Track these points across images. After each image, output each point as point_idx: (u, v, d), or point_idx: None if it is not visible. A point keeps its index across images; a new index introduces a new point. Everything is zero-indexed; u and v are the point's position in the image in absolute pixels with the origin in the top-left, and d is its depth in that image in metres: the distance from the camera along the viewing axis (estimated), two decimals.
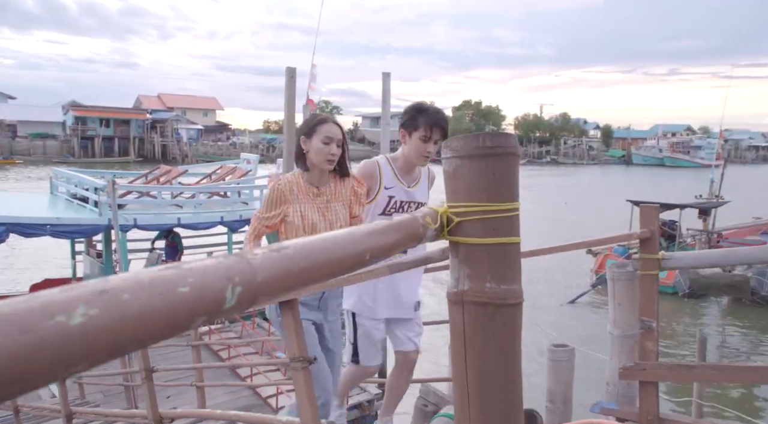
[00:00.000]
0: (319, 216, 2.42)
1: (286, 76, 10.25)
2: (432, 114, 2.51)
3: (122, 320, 0.40)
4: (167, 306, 0.45)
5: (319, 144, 2.39)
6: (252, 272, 0.54)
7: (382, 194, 2.59)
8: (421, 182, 2.68)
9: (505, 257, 1.01)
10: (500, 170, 0.99)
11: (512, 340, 1.03)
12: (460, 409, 1.05)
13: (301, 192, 2.44)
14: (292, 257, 0.61)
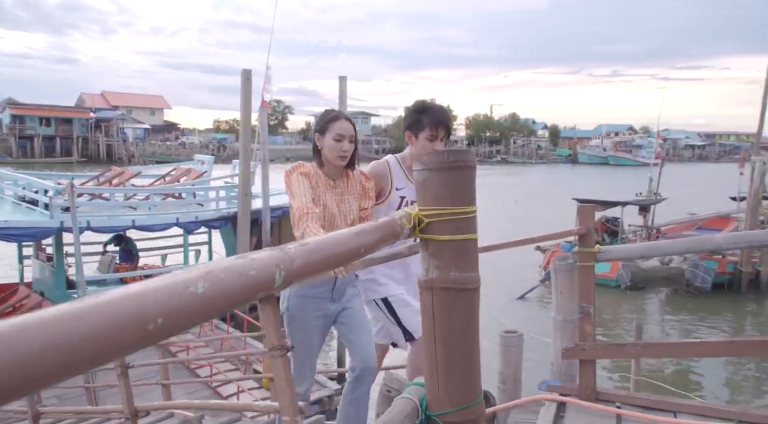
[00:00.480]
0: (335, 207, 2.48)
1: (242, 78, 10.31)
2: (435, 113, 2.55)
3: (223, 291, 0.61)
4: (244, 284, 0.65)
5: (331, 141, 2.44)
6: (291, 260, 0.75)
7: (394, 195, 2.63)
8: None
9: (465, 251, 1.24)
10: (461, 181, 1.22)
11: (472, 317, 1.26)
12: (430, 375, 1.27)
13: (321, 183, 2.49)
14: (314, 250, 0.82)
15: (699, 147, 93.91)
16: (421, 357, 2.88)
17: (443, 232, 1.21)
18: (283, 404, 2.15)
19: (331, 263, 0.87)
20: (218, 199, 10.51)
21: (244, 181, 10.17)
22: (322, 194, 2.45)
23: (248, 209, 10.26)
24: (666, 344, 2.68)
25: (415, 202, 2.72)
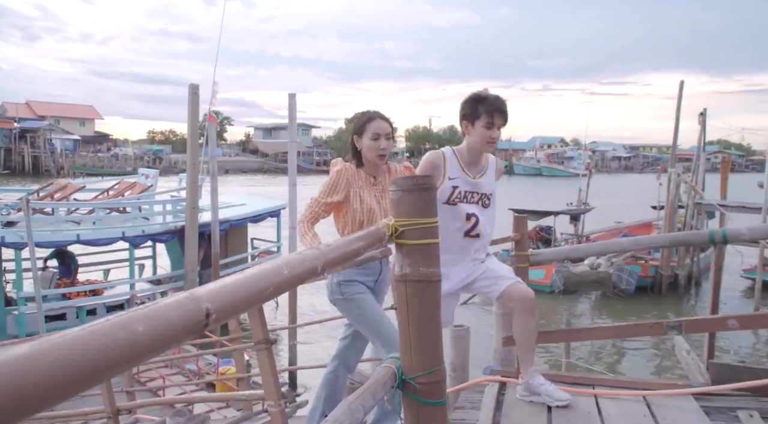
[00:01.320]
0: (375, 203, 2.59)
1: (189, 93, 10.43)
2: (492, 101, 2.57)
3: (287, 276, 0.96)
4: (302, 273, 1.01)
5: (369, 141, 2.55)
6: (325, 256, 1.11)
7: (446, 184, 2.63)
8: (488, 173, 2.73)
9: (430, 252, 1.62)
10: (425, 198, 1.60)
11: (435, 303, 1.64)
12: (404, 347, 1.64)
13: (360, 179, 2.60)
14: (335, 249, 1.18)
15: (625, 159, 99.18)
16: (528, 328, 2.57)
17: (413, 238, 1.58)
18: (268, 391, 2.47)
19: (345, 258, 1.23)
20: (165, 213, 10.52)
21: (191, 195, 10.24)
22: (359, 191, 2.57)
23: (196, 223, 10.33)
24: (585, 329, 3.20)
25: (476, 194, 2.64)
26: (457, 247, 2.64)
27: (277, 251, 12.71)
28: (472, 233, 2.66)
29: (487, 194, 2.70)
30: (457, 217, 2.64)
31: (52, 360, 0.50)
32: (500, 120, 2.58)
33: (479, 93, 2.64)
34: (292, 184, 8.35)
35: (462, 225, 2.65)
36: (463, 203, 2.64)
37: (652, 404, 2.51)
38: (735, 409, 2.39)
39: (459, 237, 2.64)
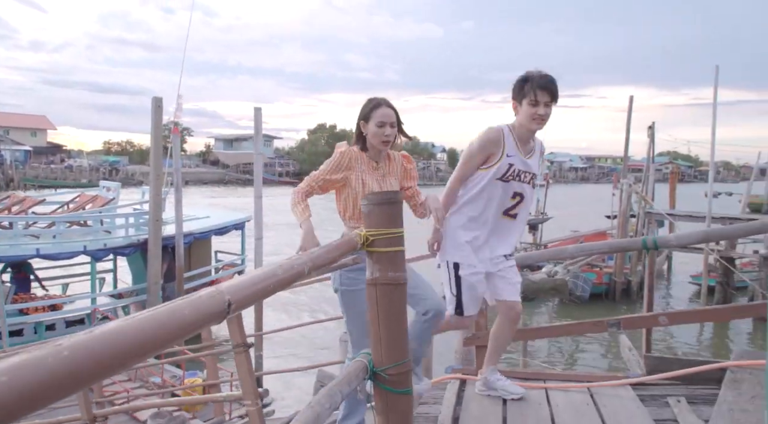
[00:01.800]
0: (377, 187, 2.66)
1: (153, 106, 10.46)
2: (537, 79, 2.61)
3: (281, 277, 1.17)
4: (294, 275, 1.22)
5: (374, 127, 2.61)
6: (312, 260, 1.32)
7: (504, 161, 2.67)
8: (535, 154, 2.78)
9: (397, 259, 1.84)
10: (393, 211, 1.83)
11: (402, 303, 1.86)
12: (375, 343, 1.86)
13: (363, 163, 2.67)
14: (320, 255, 1.39)
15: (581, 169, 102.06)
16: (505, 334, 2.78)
17: (382, 246, 1.80)
18: (246, 391, 2.65)
19: (326, 261, 1.45)
20: (127, 226, 10.45)
21: (155, 208, 10.22)
22: (362, 174, 2.66)
23: (159, 236, 10.30)
24: (537, 328, 3.49)
25: (527, 174, 2.71)
26: (490, 223, 2.71)
27: (241, 263, 12.73)
28: (511, 212, 2.74)
29: (534, 174, 2.76)
30: (506, 194, 2.70)
31: (137, 331, 0.70)
32: (545, 97, 2.61)
33: (528, 72, 2.66)
34: (258, 196, 8.47)
35: (506, 203, 2.72)
36: (515, 181, 2.70)
37: (595, 394, 2.79)
38: (666, 396, 2.69)
39: (496, 215, 2.72)
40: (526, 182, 2.72)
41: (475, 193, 2.72)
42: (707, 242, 13.77)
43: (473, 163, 2.74)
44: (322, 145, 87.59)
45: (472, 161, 2.75)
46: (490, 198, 2.70)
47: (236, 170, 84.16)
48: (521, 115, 2.66)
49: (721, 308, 5.51)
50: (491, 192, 2.70)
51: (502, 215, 2.73)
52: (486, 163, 2.71)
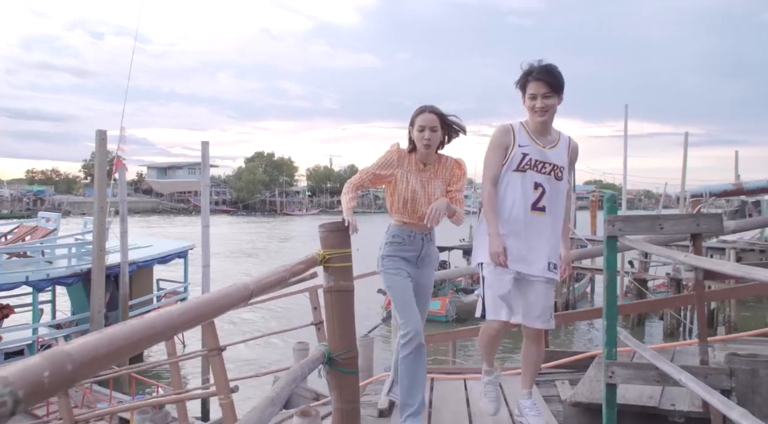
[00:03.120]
0: (420, 186, 2.83)
1: (97, 139, 10.73)
2: (536, 72, 2.63)
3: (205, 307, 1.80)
4: (234, 299, 1.85)
5: (416, 132, 2.81)
6: (247, 287, 1.95)
7: (516, 152, 2.70)
8: (559, 146, 2.76)
9: (347, 272, 2.48)
10: (343, 236, 2.47)
11: (350, 306, 2.49)
12: (330, 335, 2.48)
13: (411, 163, 2.86)
14: (267, 276, 2.02)
15: None
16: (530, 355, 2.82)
17: (335, 262, 2.44)
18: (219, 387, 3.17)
19: (286, 277, 2.07)
20: (70, 256, 10.52)
21: (99, 238, 10.36)
22: (407, 173, 2.85)
23: (103, 265, 10.43)
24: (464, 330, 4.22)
25: (547, 165, 2.70)
26: (522, 221, 2.70)
27: (184, 291, 12.91)
28: (538, 205, 2.72)
29: (559, 166, 2.73)
30: (525, 185, 2.70)
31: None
32: (542, 88, 2.62)
33: (528, 64, 2.69)
34: (205, 225, 8.88)
35: (529, 195, 2.71)
36: (533, 171, 2.71)
37: (503, 381, 3.51)
38: (554, 379, 3.44)
39: (524, 211, 2.71)
40: (546, 173, 2.71)
41: (501, 190, 2.75)
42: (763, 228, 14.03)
43: (493, 162, 2.76)
44: (260, 173, 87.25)
45: (490, 160, 2.78)
46: (513, 192, 2.72)
47: (170, 199, 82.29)
48: (527, 109, 2.70)
49: (591, 310, 6.64)
50: (513, 186, 2.72)
51: (531, 211, 2.71)
52: (505, 158, 2.73)
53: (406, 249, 2.88)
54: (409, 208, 2.86)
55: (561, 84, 2.66)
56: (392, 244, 2.89)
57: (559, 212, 2.76)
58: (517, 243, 2.70)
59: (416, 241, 2.88)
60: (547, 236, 2.72)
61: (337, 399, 2.50)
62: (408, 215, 2.87)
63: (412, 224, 2.88)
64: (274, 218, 70.20)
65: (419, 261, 2.92)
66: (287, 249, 34.16)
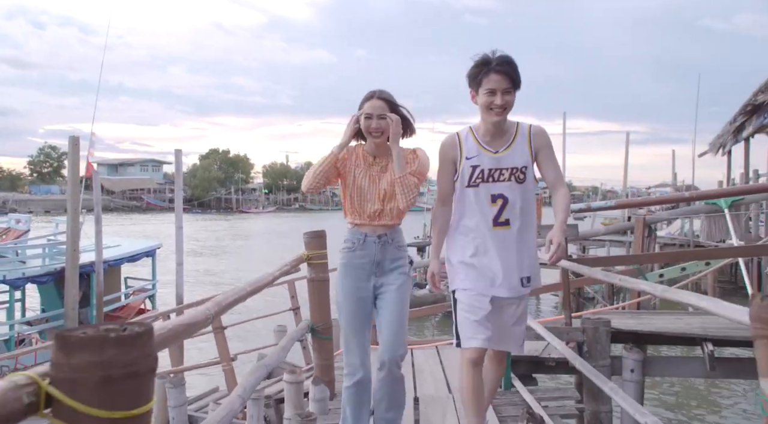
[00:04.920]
0: (369, 182, 2.58)
1: (70, 145, 11.27)
2: (495, 64, 2.29)
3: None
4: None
5: (363, 121, 2.53)
6: (212, 312, 2.93)
7: (465, 166, 2.42)
8: (516, 143, 2.42)
9: (323, 267, 3.46)
10: (322, 240, 3.44)
11: (327, 291, 3.47)
12: (312, 315, 3.46)
13: (359, 157, 2.63)
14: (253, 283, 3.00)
15: None
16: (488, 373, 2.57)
17: (316, 259, 3.41)
18: (222, 356, 4.07)
19: (244, 297, 3.04)
20: (45, 256, 11.07)
21: (72, 238, 10.93)
22: (354, 167, 2.62)
23: (77, 264, 11.00)
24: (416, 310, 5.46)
25: (505, 171, 2.38)
26: (485, 239, 2.43)
27: (152, 288, 13.53)
28: (500, 220, 2.41)
29: (519, 168, 2.40)
30: (481, 200, 2.42)
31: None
32: (503, 83, 2.29)
33: (482, 55, 2.33)
34: (179, 226, 9.64)
35: (487, 211, 2.42)
36: (487, 183, 2.41)
37: (441, 351, 4.56)
38: None
39: (486, 228, 2.43)
40: (505, 180, 2.40)
41: (458, 208, 2.51)
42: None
43: (441, 178, 2.54)
44: (215, 170, 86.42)
45: (438, 177, 2.57)
46: (470, 209, 2.45)
47: (122, 197, 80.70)
48: (479, 106, 2.37)
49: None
50: (468, 203, 2.45)
51: (493, 227, 2.42)
52: (455, 173, 2.47)
53: (358, 255, 2.60)
54: (357, 206, 2.62)
55: (520, 78, 2.34)
56: (344, 250, 2.66)
57: (528, 217, 2.46)
58: (484, 264, 2.42)
59: (369, 245, 2.59)
60: (515, 250, 2.42)
61: (317, 357, 3.50)
62: (357, 214, 2.63)
63: (362, 224, 2.62)
64: (230, 215, 69.81)
65: (377, 268, 2.60)
66: (250, 246, 34.60)
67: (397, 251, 2.65)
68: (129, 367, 0.85)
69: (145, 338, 0.88)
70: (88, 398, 0.82)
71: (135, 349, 0.86)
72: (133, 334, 0.86)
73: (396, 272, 2.62)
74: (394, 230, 2.66)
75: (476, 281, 2.45)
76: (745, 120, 11.03)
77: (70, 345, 0.82)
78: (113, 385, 0.83)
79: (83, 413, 0.81)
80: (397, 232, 2.68)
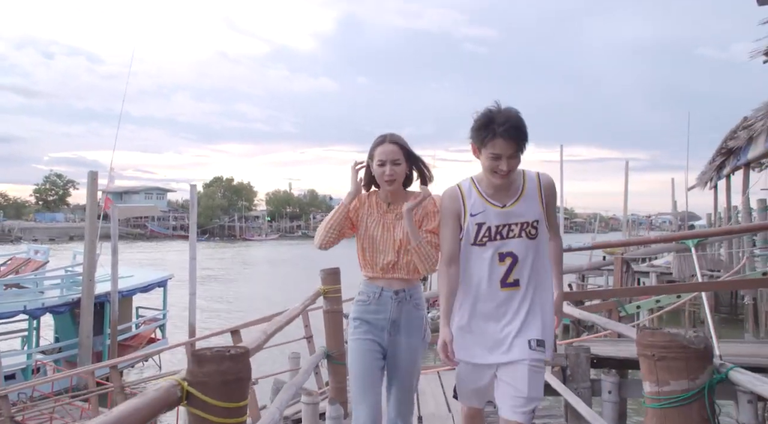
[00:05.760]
0: (382, 231, 2.44)
1: (89, 180, 11.88)
2: (500, 125, 2.07)
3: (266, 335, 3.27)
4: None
5: (376, 167, 2.40)
6: (264, 336, 3.40)
7: (469, 223, 2.21)
8: (527, 195, 2.22)
9: (337, 300, 3.92)
10: (337, 276, 3.91)
11: (340, 321, 3.93)
12: (327, 343, 3.91)
13: (371, 205, 2.50)
14: (302, 304, 3.48)
15: None
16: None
17: (331, 294, 3.87)
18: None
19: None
20: (62, 286, 11.55)
21: (89, 269, 11.42)
22: (366, 217, 2.48)
23: (92, 295, 11.48)
24: None
25: (514, 226, 2.16)
26: (492, 301, 2.21)
27: (163, 317, 13.95)
28: (508, 280, 2.20)
29: (530, 222, 2.19)
30: (489, 259, 2.19)
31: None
32: (509, 149, 2.09)
33: (489, 113, 2.12)
34: (193, 257, 10.13)
35: (495, 270, 2.19)
36: (495, 241, 2.19)
37: (442, 376, 4.99)
38: None
39: (493, 289, 2.20)
40: (515, 236, 2.19)
41: (464, 267, 2.26)
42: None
43: (445, 237, 2.27)
44: (219, 198, 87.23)
45: (442, 235, 2.30)
46: (477, 268, 2.22)
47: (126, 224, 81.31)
48: (482, 165, 2.19)
49: None
50: (475, 262, 2.23)
51: (501, 288, 2.20)
52: (461, 230, 2.25)
53: (371, 310, 2.46)
54: (369, 259, 2.49)
55: (527, 141, 2.15)
56: (358, 303, 2.52)
57: (541, 275, 2.23)
58: (490, 327, 2.21)
59: (385, 300, 2.44)
60: (524, 312, 2.19)
61: (332, 380, 3.94)
62: (370, 266, 2.49)
63: (376, 277, 2.48)
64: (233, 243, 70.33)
65: (392, 327, 2.44)
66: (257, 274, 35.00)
67: (414, 309, 2.50)
68: (237, 374, 1.34)
69: (245, 356, 1.37)
70: (212, 394, 1.30)
71: (240, 363, 1.35)
72: (239, 353, 1.35)
73: (412, 333, 2.47)
74: (412, 285, 2.50)
75: (472, 349, 2.23)
76: (724, 159, 11.79)
77: (201, 360, 1.31)
78: (228, 386, 1.32)
79: (210, 404, 1.30)
80: (416, 288, 2.53)
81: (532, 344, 2.16)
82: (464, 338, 2.25)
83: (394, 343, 2.47)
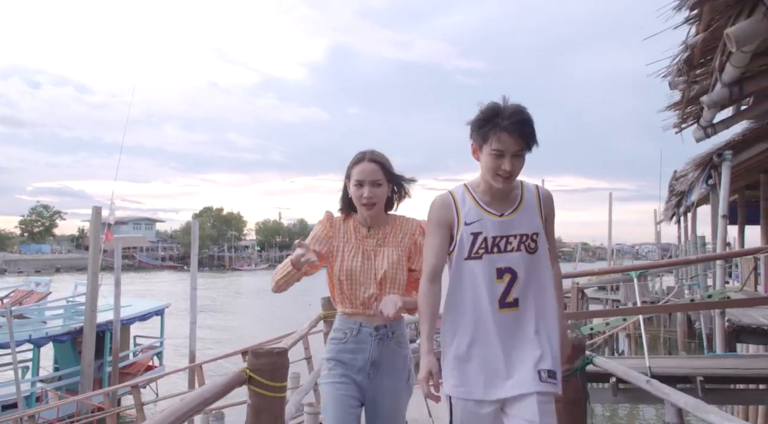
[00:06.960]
0: (362, 260, 2.15)
1: (93, 214, 12.50)
2: (508, 122, 1.83)
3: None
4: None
5: (353, 188, 2.15)
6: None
7: (463, 233, 1.93)
8: (525, 205, 1.98)
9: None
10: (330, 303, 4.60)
11: None
12: None
13: (348, 231, 2.21)
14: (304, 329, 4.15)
15: None
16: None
17: (330, 318, 4.53)
18: None
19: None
20: (65, 317, 12.06)
21: (91, 299, 11.96)
22: (343, 245, 2.18)
23: (94, 325, 11.99)
24: None
25: (513, 238, 1.90)
26: (489, 324, 1.92)
27: (160, 345, 14.42)
28: (507, 300, 1.93)
29: (529, 235, 1.94)
30: (485, 275, 1.92)
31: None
32: (515, 146, 1.85)
33: (494, 106, 1.88)
34: (194, 288, 10.72)
35: (493, 288, 1.92)
36: (492, 254, 1.93)
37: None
38: None
39: (490, 310, 1.92)
40: (514, 250, 1.94)
41: (455, 286, 1.98)
42: None
43: (432, 248, 1.99)
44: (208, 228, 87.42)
45: (427, 246, 2.01)
46: (472, 287, 1.94)
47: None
48: (482, 166, 1.95)
49: None
50: (469, 279, 1.95)
51: (499, 310, 1.93)
52: (451, 242, 1.98)
53: (348, 349, 2.19)
54: (347, 292, 2.20)
55: (535, 139, 1.90)
56: (332, 341, 2.26)
57: (543, 294, 1.98)
58: (490, 355, 1.93)
59: (364, 338, 2.18)
60: (527, 336, 1.93)
61: None
62: (348, 301, 2.21)
63: (356, 314, 2.20)
64: (223, 273, 70.38)
65: (372, 368, 2.17)
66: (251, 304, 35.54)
67: (397, 347, 2.22)
68: (280, 365, 2.04)
69: (285, 353, 2.07)
70: (265, 377, 1.99)
71: (282, 357, 2.05)
72: (281, 351, 2.04)
73: (395, 376, 2.20)
74: (395, 321, 2.21)
75: (471, 384, 1.92)
76: (679, 199, 13.35)
77: (258, 355, 2.00)
78: (275, 372, 2.01)
79: (264, 383, 1.98)
80: (399, 324, 2.25)
81: (542, 376, 1.89)
82: (463, 371, 1.94)
83: (374, 387, 2.19)
